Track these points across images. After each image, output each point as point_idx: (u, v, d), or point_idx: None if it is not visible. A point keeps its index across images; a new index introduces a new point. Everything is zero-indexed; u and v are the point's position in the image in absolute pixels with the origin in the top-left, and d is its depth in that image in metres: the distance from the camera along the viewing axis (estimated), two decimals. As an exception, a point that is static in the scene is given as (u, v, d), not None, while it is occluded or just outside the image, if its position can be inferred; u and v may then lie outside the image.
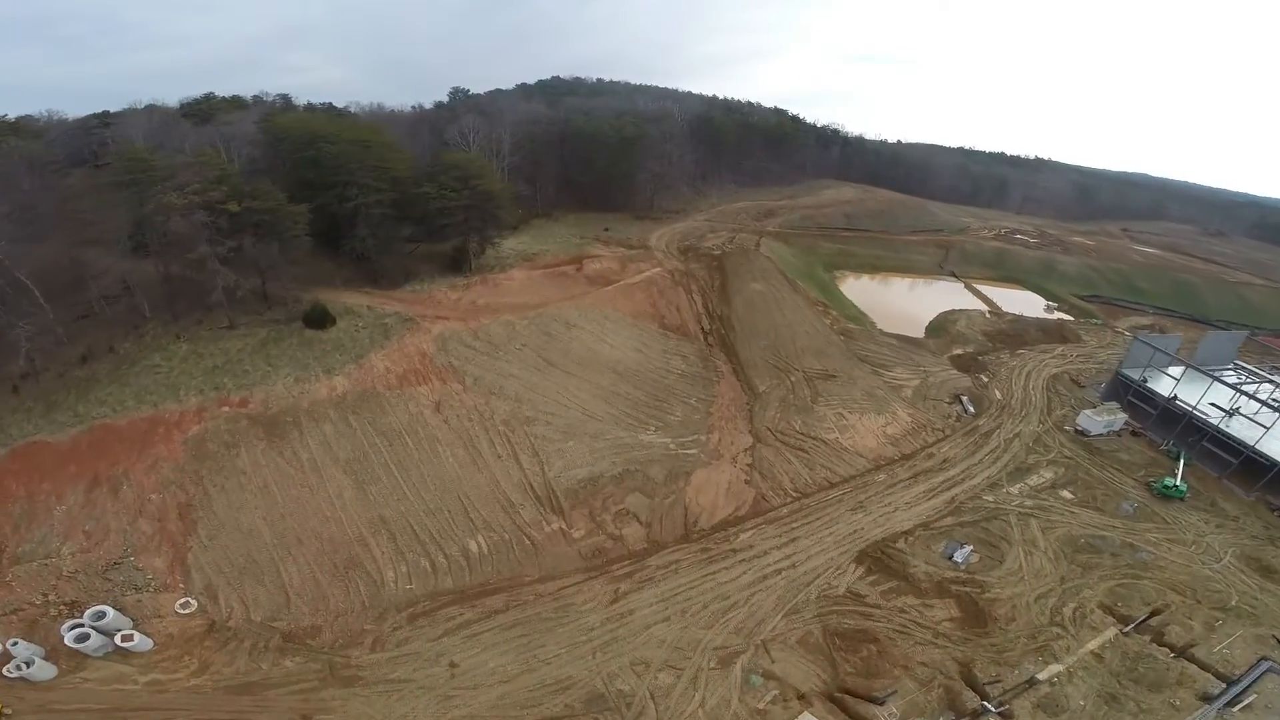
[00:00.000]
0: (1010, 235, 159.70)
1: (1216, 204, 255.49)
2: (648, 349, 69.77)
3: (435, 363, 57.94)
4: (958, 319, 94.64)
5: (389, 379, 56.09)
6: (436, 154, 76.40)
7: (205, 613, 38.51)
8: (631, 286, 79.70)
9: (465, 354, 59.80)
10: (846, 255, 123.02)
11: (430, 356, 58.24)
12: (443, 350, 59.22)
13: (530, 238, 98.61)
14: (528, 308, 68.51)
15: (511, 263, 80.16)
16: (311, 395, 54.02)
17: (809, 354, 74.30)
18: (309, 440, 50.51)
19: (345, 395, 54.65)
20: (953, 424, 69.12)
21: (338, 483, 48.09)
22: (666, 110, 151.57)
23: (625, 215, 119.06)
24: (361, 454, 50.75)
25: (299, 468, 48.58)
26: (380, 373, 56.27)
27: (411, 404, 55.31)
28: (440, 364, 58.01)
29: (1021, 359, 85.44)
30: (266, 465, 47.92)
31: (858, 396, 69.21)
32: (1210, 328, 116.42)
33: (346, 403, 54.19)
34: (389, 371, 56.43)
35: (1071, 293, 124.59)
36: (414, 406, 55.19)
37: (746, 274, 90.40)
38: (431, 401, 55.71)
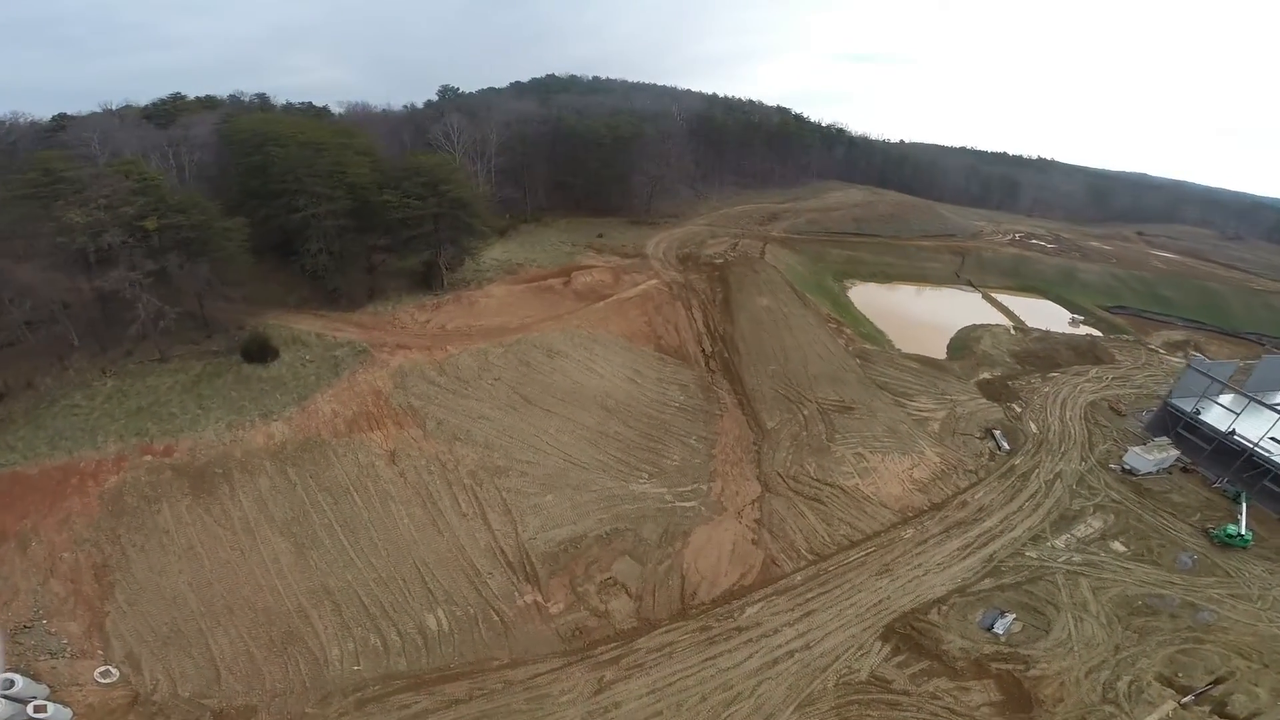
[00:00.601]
0: (1026, 240, 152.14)
1: (1231, 207, 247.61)
2: (642, 377, 61.73)
3: (391, 404, 50.00)
4: (981, 337, 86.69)
5: (336, 425, 48.23)
6: (403, 157, 67.92)
7: (128, 683, 34.44)
8: (625, 302, 71.64)
9: (428, 392, 51.84)
10: (857, 263, 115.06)
11: (386, 396, 50.31)
12: (401, 388, 51.26)
13: (517, 245, 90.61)
14: (505, 332, 60.47)
15: (492, 276, 72.03)
16: (245, 444, 46.90)
17: (823, 381, 66.32)
18: (241, 496, 43.94)
19: (284, 444, 47.33)
20: (986, 464, 61.37)
21: (273, 546, 41.76)
22: (665, 109, 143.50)
23: (620, 220, 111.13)
24: (301, 513, 43.85)
25: (229, 528, 42.19)
26: (326, 417, 48.41)
27: (361, 454, 47.55)
28: (397, 405, 50.05)
29: (1054, 384, 77.58)
30: (192, 524, 41.69)
31: (879, 433, 61.33)
32: (1243, 340, 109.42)
33: (286, 453, 46.85)
34: (336, 416, 48.54)
35: (1095, 303, 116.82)
36: (364, 457, 47.45)
37: (751, 286, 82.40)
38: (385, 451, 47.83)
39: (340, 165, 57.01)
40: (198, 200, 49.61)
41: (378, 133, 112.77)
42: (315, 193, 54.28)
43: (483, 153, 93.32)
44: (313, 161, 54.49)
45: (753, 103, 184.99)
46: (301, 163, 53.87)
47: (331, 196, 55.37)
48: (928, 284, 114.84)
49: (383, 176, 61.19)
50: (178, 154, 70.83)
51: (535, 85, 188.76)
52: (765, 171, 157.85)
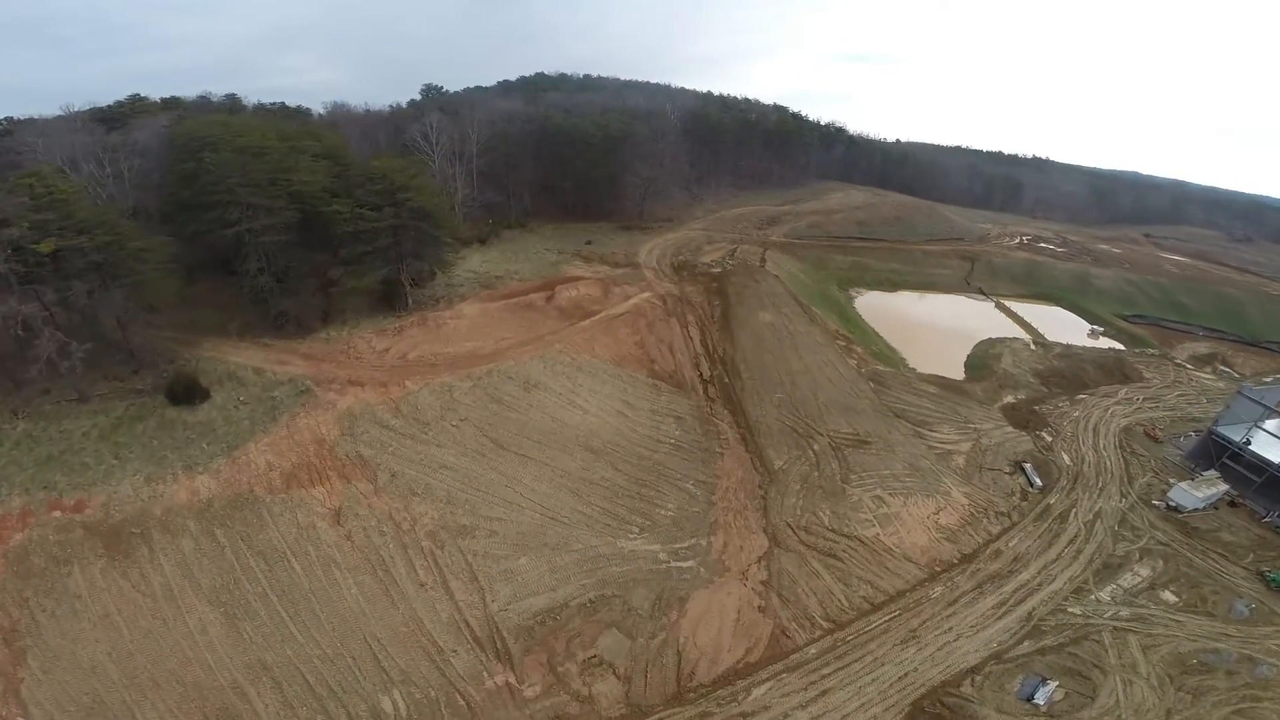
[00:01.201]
0: (1034, 244, 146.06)
1: (1233, 208, 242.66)
2: (633, 410, 54.75)
3: (337, 453, 43.00)
4: (1000, 353, 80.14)
5: (271, 479, 41.28)
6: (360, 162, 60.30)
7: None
8: (614, 320, 64.68)
9: (380, 439, 44.83)
10: (861, 269, 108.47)
11: (330, 445, 43.29)
12: (349, 435, 44.26)
13: (498, 254, 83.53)
14: (476, 360, 53.39)
15: (465, 291, 64.82)
16: (166, 500, 40.61)
17: (835, 411, 59.54)
18: (162, 560, 37.75)
19: (211, 501, 40.75)
20: (1018, 504, 54.92)
21: (200, 615, 36.03)
22: (658, 107, 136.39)
23: (611, 224, 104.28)
24: (231, 580, 37.62)
25: (149, 594, 36.43)
26: (259, 470, 41.47)
27: (301, 513, 40.71)
28: (344, 455, 43.06)
29: (1083, 407, 71.19)
30: (107, 589, 36.19)
31: (899, 471, 54.67)
32: (1266, 351, 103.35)
33: (212, 511, 40.29)
34: (272, 468, 41.56)
35: (1112, 311, 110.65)
36: (304, 517, 40.61)
37: (753, 299, 75.57)
38: (328, 509, 40.95)
39: (285, 172, 49.64)
40: (106, 218, 42.27)
41: (353, 134, 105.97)
42: (251, 204, 46.85)
43: (461, 154, 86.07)
44: (248, 168, 47.00)
45: (749, 101, 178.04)
46: (235, 170, 46.41)
47: (271, 208, 47.98)
48: (937, 292, 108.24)
49: (341, 184, 53.85)
50: (115, 160, 63.30)
51: (523, 84, 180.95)
52: (763, 172, 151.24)
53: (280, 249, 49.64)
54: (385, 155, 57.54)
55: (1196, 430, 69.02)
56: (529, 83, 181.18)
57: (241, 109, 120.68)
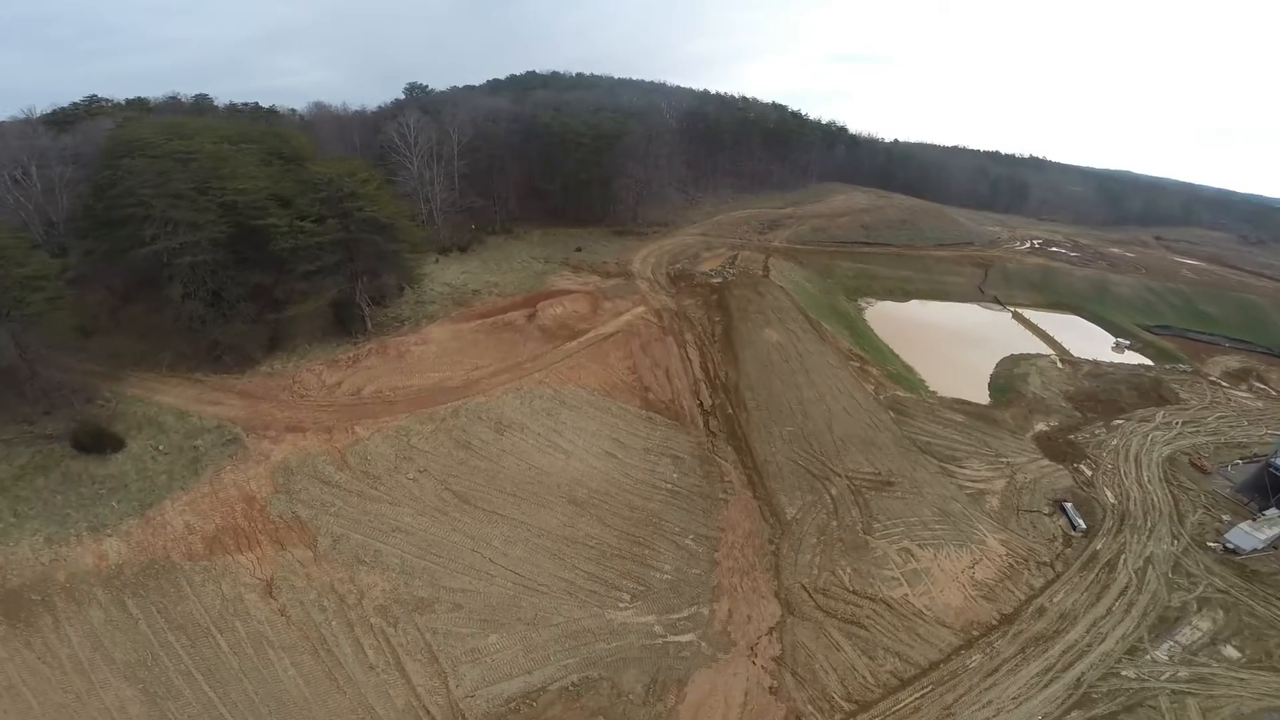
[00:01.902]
0: (1046, 248, 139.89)
1: (1243, 210, 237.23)
2: (625, 450, 47.86)
3: (269, 515, 36.13)
4: (1027, 373, 73.59)
5: (191, 543, 34.45)
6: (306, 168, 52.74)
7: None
8: (604, 342, 57.86)
9: (321, 497, 37.90)
10: (870, 277, 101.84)
11: (262, 505, 36.41)
12: (283, 492, 37.35)
13: (479, 263, 76.61)
14: (442, 395, 46.42)
15: (435, 310, 57.76)
16: (70, 564, 34.67)
17: (854, 446, 52.85)
18: (69, 630, 32.37)
19: (121, 567, 34.42)
20: (1061, 551, 48.39)
21: (117, 692, 30.94)
22: (653, 105, 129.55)
23: (603, 230, 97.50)
24: (149, 655, 31.96)
25: (56, 666, 31.69)
26: (177, 533, 34.67)
27: (227, 583, 33.88)
28: (278, 516, 36.19)
29: (1121, 434, 64.67)
30: (9, 659, 31.63)
31: (928, 517, 48.05)
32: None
33: (124, 578, 34.10)
34: (191, 531, 34.71)
35: (1135, 321, 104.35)
36: (230, 587, 33.78)
37: (756, 314, 68.83)
38: (259, 579, 34.11)
39: (222, 179, 42.42)
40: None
41: (329, 136, 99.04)
42: (170, 219, 39.69)
43: (439, 155, 79.06)
44: (167, 176, 39.82)
45: (747, 99, 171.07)
46: (150, 179, 39.19)
47: (196, 223, 40.86)
48: (950, 300, 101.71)
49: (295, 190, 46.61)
50: (45, 170, 56.15)
51: (513, 82, 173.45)
52: (762, 173, 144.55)
53: (211, 269, 42.51)
54: (336, 159, 49.59)
55: (1244, 458, 62.98)
56: (518, 81, 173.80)
57: (211, 109, 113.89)
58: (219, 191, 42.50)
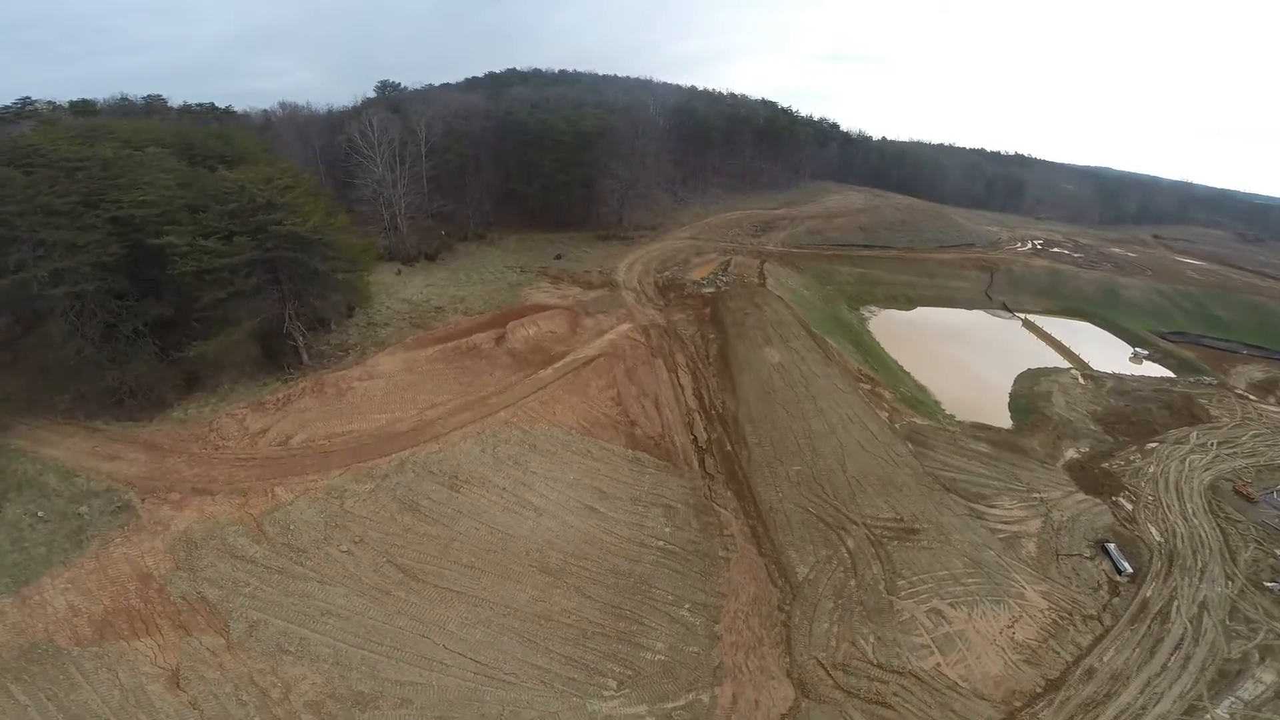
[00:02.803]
0: (1048, 249, 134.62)
1: (1239, 208, 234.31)
2: (608, 500, 40.77)
3: (170, 595, 29.03)
4: (1049, 391, 67.38)
5: (77, 626, 27.39)
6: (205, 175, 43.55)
7: None
8: (584, 368, 50.74)
9: (233, 575, 30.68)
10: (871, 283, 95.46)
11: (160, 583, 29.32)
12: (186, 569, 30.18)
13: (447, 274, 69.34)
14: (387, 442, 39.09)
15: (388, 334, 50.34)
16: None
17: (871, 487, 46.16)
18: None
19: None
20: (1107, 599, 42.26)
21: None
22: (639, 101, 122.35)
23: (585, 234, 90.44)
24: None
25: None
26: (60, 614, 27.57)
27: (124, 671, 26.87)
28: (180, 597, 29.07)
29: (1157, 459, 58.63)
30: None
31: (959, 569, 41.50)
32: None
33: (2, 661, 26.07)
34: (76, 612, 27.69)
35: (1148, 328, 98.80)
36: (129, 676, 26.72)
37: (755, 330, 62.03)
38: (162, 669, 27.06)
39: (117, 191, 34.74)
40: None
41: (288, 137, 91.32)
42: (40, 240, 32.05)
43: (403, 156, 71.58)
44: (37, 190, 32.09)
45: (737, 96, 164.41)
46: (16, 194, 31.44)
47: (75, 245, 33.18)
48: (956, 307, 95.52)
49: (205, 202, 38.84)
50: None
51: (491, 79, 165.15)
52: (754, 172, 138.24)
53: (100, 300, 34.90)
54: (242, 168, 41.15)
55: (1292, 484, 57.28)
56: (497, 78, 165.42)
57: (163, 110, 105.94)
58: (113, 205, 34.87)
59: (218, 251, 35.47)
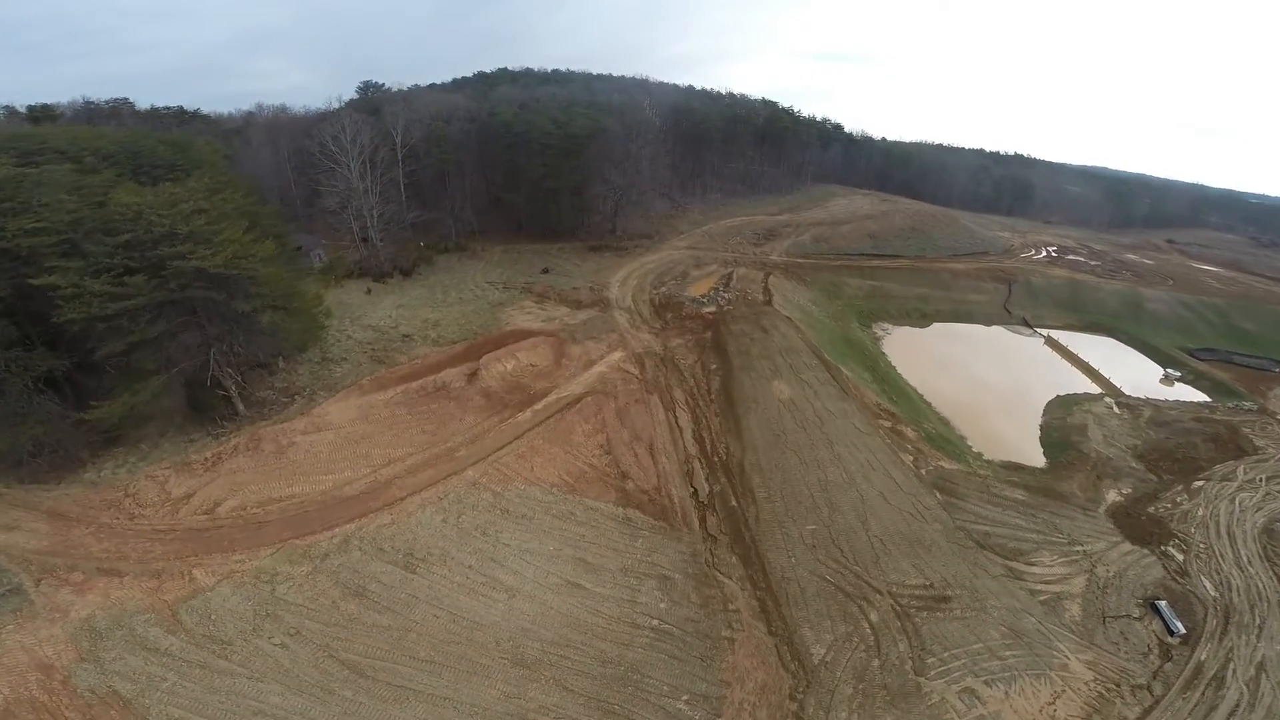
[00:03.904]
0: (1063, 257, 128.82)
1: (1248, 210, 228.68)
2: (595, 575, 34.73)
3: (75, 688, 23.58)
4: (1084, 423, 61.47)
5: None
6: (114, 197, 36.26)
7: None
8: (568, 409, 44.68)
9: (147, 669, 25.39)
10: (883, 297, 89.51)
11: (64, 675, 23.96)
12: (92, 660, 24.75)
13: (422, 292, 63.31)
14: (334, 511, 33.05)
15: (346, 373, 44.17)
16: None
17: (897, 549, 40.24)
18: None
19: None
20: (1157, 666, 37.10)
21: None
22: (634, 101, 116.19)
23: (575, 245, 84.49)
24: None
25: None
26: None
27: None
28: (88, 690, 23.95)
29: (1205, 499, 52.93)
30: None
31: (996, 641, 35.91)
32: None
33: None
34: None
35: (1175, 344, 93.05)
36: None
37: (761, 359, 56.03)
38: None
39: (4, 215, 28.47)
40: None
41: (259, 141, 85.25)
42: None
43: (374, 162, 65.43)
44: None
45: (735, 96, 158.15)
46: None
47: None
48: (974, 322, 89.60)
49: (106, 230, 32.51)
50: None
51: (480, 79, 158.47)
52: (754, 175, 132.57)
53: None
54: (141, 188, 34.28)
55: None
56: (487, 78, 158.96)
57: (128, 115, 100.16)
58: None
59: (109, 294, 29.31)
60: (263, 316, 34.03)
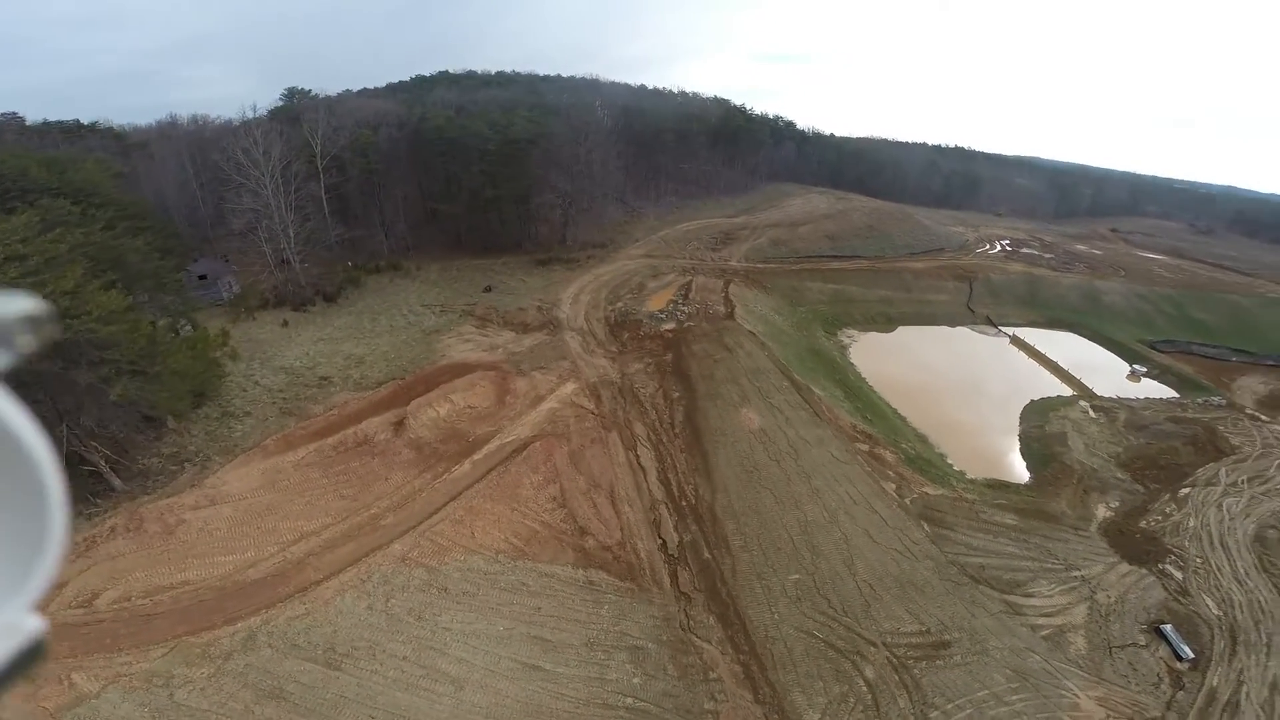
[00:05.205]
0: (1018, 250, 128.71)
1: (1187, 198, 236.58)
2: (555, 654, 29.41)
3: None
4: (1063, 431, 58.90)
5: None
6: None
7: None
8: (512, 459, 39.17)
9: None
10: (846, 302, 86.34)
11: None
12: None
13: (348, 321, 56.84)
14: (237, 599, 27.01)
15: (249, 431, 37.78)
16: None
17: (887, 592, 36.16)
18: None
19: None
20: (1169, 695, 34.37)
21: None
22: (583, 102, 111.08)
23: (521, 259, 78.71)
24: None
25: None
26: None
27: None
28: None
29: (1194, 508, 50.75)
30: None
31: (1000, 685, 32.40)
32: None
33: None
34: None
35: (1136, 337, 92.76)
36: None
37: (727, 383, 51.53)
38: None
39: None
40: None
41: (161, 157, 77.05)
42: None
43: (286, 177, 58.63)
44: None
45: (688, 95, 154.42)
46: None
47: None
48: (939, 324, 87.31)
49: None
50: None
51: (418, 83, 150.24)
52: (709, 176, 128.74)
53: None
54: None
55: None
56: (425, 82, 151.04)
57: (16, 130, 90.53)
58: None
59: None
60: (113, 387, 27.59)
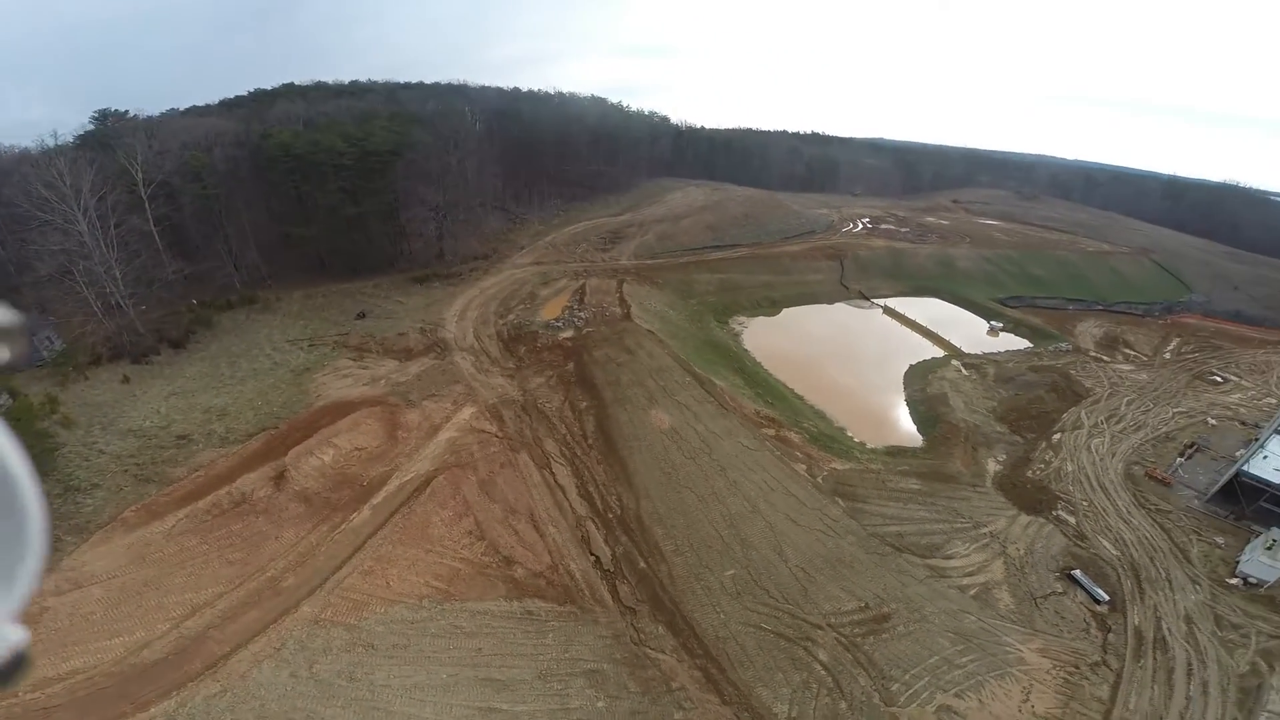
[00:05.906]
0: (878, 227, 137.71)
1: (1006, 167, 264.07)
2: (508, 691, 26.84)
3: None
4: (943, 392, 62.90)
5: None
6: None
7: None
8: (416, 498, 35.83)
9: None
10: (733, 290, 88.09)
11: None
12: None
13: (203, 369, 50.29)
14: (139, 681, 22.63)
15: (101, 504, 32.03)
16: None
17: (820, 573, 36.55)
18: None
19: None
20: (1102, 639, 37.38)
21: None
22: (451, 108, 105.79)
23: (395, 279, 73.63)
24: None
25: None
26: None
27: None
28: None
29: (1069, 454, 55.88)
30: None
31: (948, 649, 33.86)
32: (1137, 318, 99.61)
33: None
34: None
35: (989, 296, 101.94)
36: None
37: (632, 386, 50.47)
38: None
39: None
40: None
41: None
42: None
43: (100, 210, 50.75)
44: None
45: (565, 95, 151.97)
46: None
47: None
48: (819, 303, 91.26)
49: None
50: None
51: (258, 98, 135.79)
52: (591, 177, 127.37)
53: None
54: None
55: (1182, 454, 57.40)
56: (267, 95, 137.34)
57: None
58: None
59: None
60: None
